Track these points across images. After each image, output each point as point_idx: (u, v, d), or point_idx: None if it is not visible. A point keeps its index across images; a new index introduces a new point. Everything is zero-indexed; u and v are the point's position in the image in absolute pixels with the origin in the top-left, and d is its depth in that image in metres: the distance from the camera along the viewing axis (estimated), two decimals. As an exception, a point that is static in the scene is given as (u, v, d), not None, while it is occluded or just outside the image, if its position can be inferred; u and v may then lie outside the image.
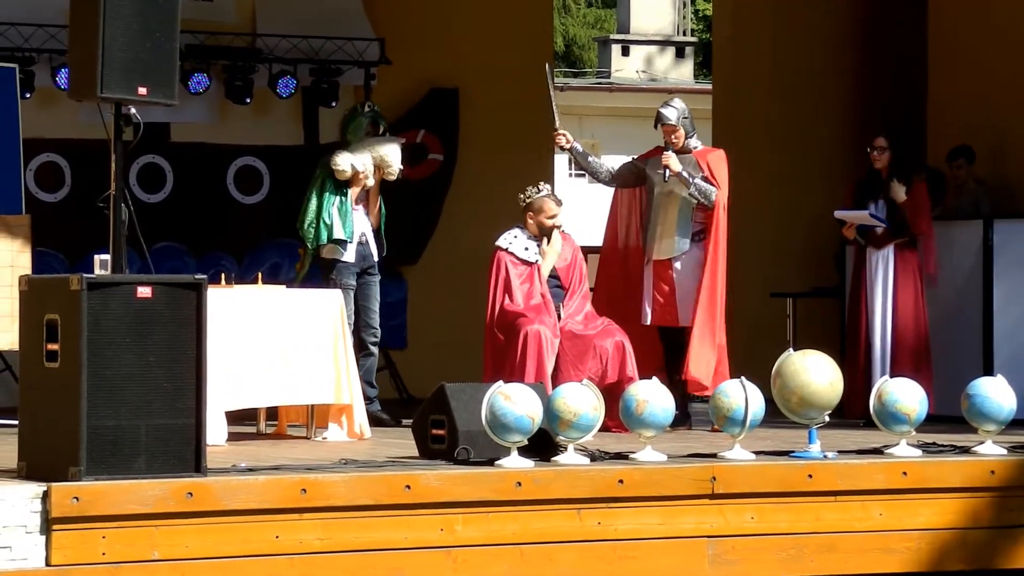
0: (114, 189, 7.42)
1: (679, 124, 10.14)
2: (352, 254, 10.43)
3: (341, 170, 10.33)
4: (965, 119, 12.33)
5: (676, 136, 10.14)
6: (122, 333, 7.08)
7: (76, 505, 6.83)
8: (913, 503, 8.02)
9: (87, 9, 7.30)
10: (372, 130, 10.61)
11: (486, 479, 7.50)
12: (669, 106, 10.24)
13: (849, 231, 10.69)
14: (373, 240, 10.55)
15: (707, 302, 9.99)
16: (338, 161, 10.34)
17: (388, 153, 10.47)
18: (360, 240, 10.45)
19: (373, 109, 10.70)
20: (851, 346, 10.73)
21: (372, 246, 10.54)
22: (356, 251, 10.44)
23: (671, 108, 10.21)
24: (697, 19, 36.35)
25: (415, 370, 12.59)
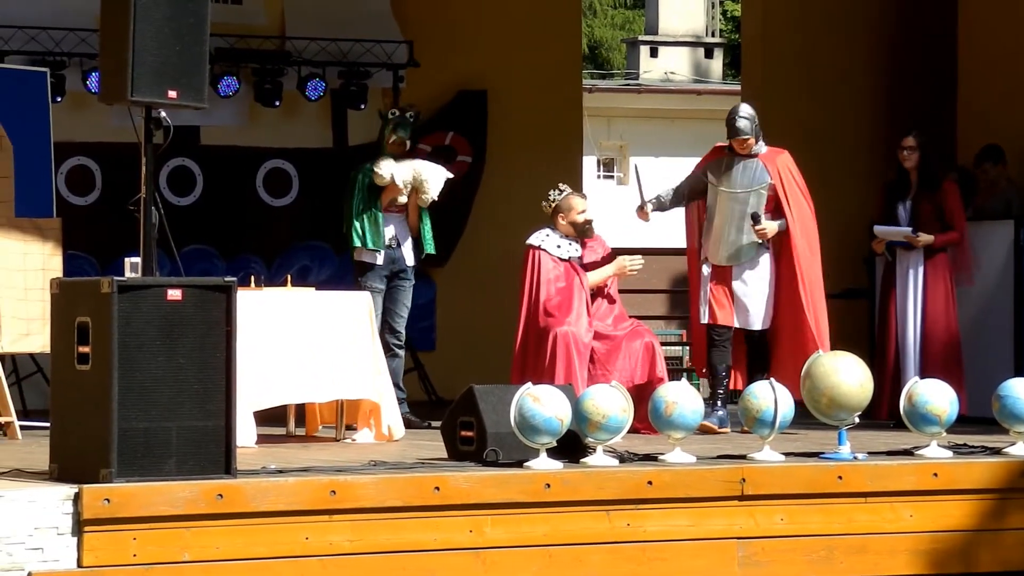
0: (144, 192, 7.45)
1: (752, 133, 10.06)
2: (381, 257, 10.44)
3: (380, 175, 10.36)
4: (995, 120, 12.29)
5: (747, 145, 10.08)
6: (152, 335, 7.10)
7: (107, 507, 6.86)
8: (944, 504, 8.00)
9: (117, 13, 7.33)
10: (399, 140, 10.51)
11: (515, 481, 7.51)
12: (742, 117, 10.03)
13: (879, 245, 10.66)
14: (408, 244, 10.53)
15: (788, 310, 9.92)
16: (381, 166, 10.36)
17: (429, 179, 10.41)
18: (390, 244, 10.46)
19: (397, 116, 10.57)
20: (881, 348, 10.71)
21: (405, 250, 10.53)
22: (385, 255, 10.45)
23: (744, 119, 10.02)
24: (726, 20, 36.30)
25: (444, 372, 12.60)
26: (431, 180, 10.44)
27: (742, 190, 10.03)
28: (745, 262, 10.02)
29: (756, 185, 10.00)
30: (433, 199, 10.45)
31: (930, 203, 10.51)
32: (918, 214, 10.52)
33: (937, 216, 10.51)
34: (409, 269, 10.56)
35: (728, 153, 10.13)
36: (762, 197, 10.02)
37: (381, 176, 10.35)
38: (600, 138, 29.92)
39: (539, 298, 9.93)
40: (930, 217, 10.51)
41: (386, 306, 10.46)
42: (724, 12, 36.37)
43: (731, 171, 10.05)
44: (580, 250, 10.12)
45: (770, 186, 10.01)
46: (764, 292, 10.00)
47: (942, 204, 10.50)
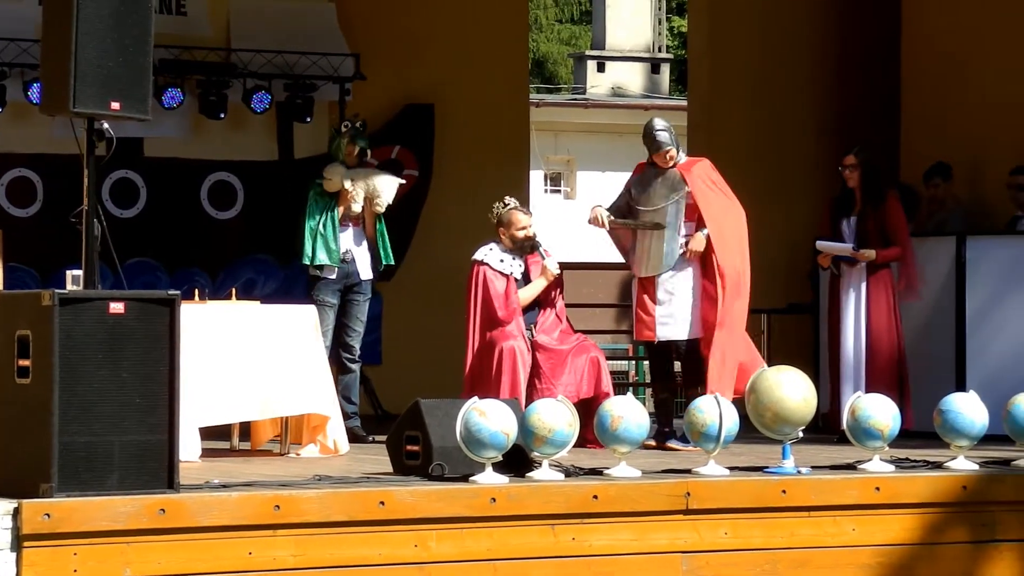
0: (87, 204, 7.40)
1: (673, 144, 10.08)
2: (334, 271, 10.41)
3: (329, 180, 10.33)
4: (939, 136, 12.38)
5: (670, 157, 10.09)
6: (94, 349, 7.05)
7: (47, 522, 6.80)
8: (886, 518, 8.04)
9: (60, 23, 7.28)
10: (352, 149, 10.55)
11: (460, 495, 7.49)
12: (661, 130, 10.02)
13: (824, 260, 10.71)
14: (362, 258, 10.50)
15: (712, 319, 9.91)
16: (332, 174, 10.34)
17: (381, 186, 10.44)
18: (345, 258, 10.44)
19: (353, 127, 10.60)
20: (829, 363, 10.74)
21: (360, 264, 10.50)
22: (339, 269, 10.42)
23: (664, 132, 10.01)
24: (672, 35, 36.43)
25: (390, 386, 12.57)
26: (383, 187, 10.45)
27: (660, 203, 10.01)
28: (669, 271, 9.98)
29: (674, 195, 9.99)
30: (388, 203, 10.45)
31: (874, 220, 10.57)
32: (863, 231, 10.58)
33: (881, 232, 10.57)
34: (364, 283, 10.53)
35: (649, 167, 10.14)
36: (681, 206, 10.01)
37: (331, 181, 10.33)
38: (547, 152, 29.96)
39: (485, 313, 9.92)
40: (874, 233, 10.56)
41: (340, 321, 10.42)
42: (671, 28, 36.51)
43: (651, 185, 10.06)
44: (523, 265, 10.12)
45: (688, 194, 10.01)
46: (689, 301, 9.97)
47: (885, 221, 10.56)
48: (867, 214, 10.58)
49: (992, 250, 10.96)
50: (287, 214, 12.71)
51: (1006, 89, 12.02)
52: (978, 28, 12.25)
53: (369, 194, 10.42)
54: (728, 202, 10.04)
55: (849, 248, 10.52)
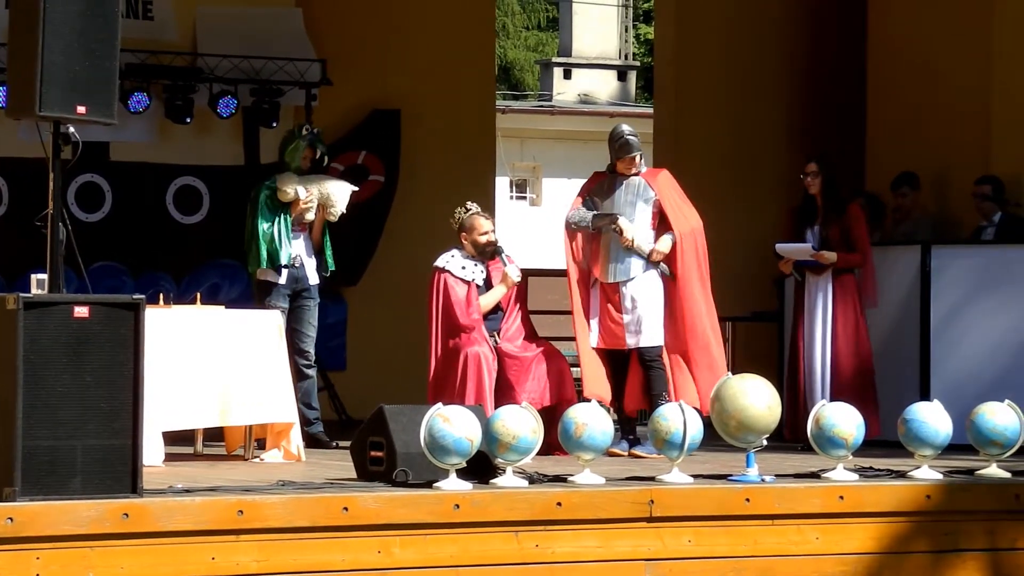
0: (52, 208, 7.38)
1: (640, 150, 10.07)
2: (284, 276, 10.39)
3: (284, 191, 10.32)
4: (905, 146, 12.44)
5: (630, 164, 10.08)
6: (59, 353, 7.03)
7: (11, 526, 6.78)
8: (849, 527, 8.06)
9: (26, 26, 7.27)
10: (310, 154, 10.56)
11: (424, 501, 7.49)
12: (631, 135, 10.00)
13: (786, 266, 10.75)
14: (310, 263, 10.50)
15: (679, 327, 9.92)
16: (285, 183, 10.32)
17: (335, 193, 10.45)
18: (294, 263, 10.42)
19: (312, 132, 10.64)
20: (792, 371, 10.78)
21: (308, 269, 10.50)
22: (288, 274, 10.40)
23: (634, 136, 9.99)
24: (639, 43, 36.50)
25: (354, 391, 12.56)
26: (337, 195, 10.45)
27: (627, 211, 10.00)
28: (634, 277, 9.99)
29: (640, 202, 10.00)
30: (342, 212, 10.44)
31: (837, 228, 10.61)
32: (826, 239, 10.63)
33: (844, 240, 10.62)
34: (312, 288, 10.52)
35: (609, 175, 10.14)
36: (647, 213, 10.02)
37: (285, 192, 10.32)
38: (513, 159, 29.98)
39: (447, 320, 9.93)
40: (838, 242, 10.62)
41: (291, 327, 10.37)
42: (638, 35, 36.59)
43: (613, 193, 10.07)
44: (485, 271, 10.13)
45: (655, 202, 10.02)
46: (655, 308, 9.98)
47: (848, 229, 10.61)
48: (830, 221, 10.63)
49: (957, 259, 11.01)
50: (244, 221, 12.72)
51: (972, 98, 12.09)
52: (944, 37, 12.31)
53: (323, 202, 10.42)
54: (694, 218, 10.08)
55: (809, 248, 10.56)
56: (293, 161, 10.51)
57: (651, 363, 9.96)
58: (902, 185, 12.02)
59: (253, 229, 10.34)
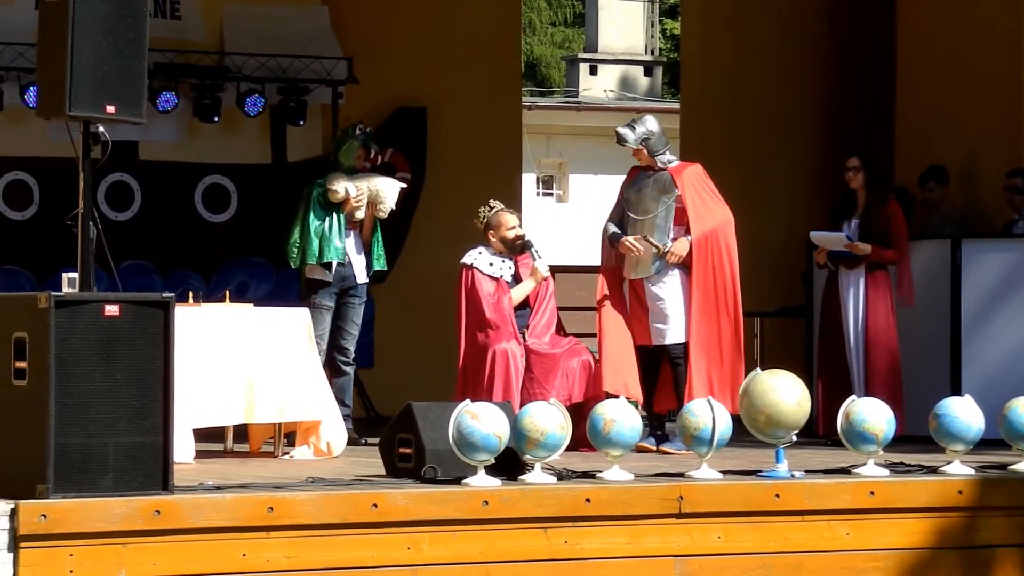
0: (82, 207, 7.42)
1: (638, 145, 10.03)
2: (332, 275, 10.44)
3: (334, 191, 10.37)
4: (934, 140, 12.41)
5: (639, 156, 10.09)
6: (90, 351, 7.07)
7: (44, 523, 6.81)
8: (880, 523, 8.05)
9: (56, 27, 7.30)
10: (363, 153, 10.63)
11: (453, 498, 7.50)
12: (627, 126, 10.05)
13: (820, 256, 10.73)
14: (359, 262, 10.54)
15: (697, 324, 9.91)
16: (335, 183, 10.38)
17: (384, 190, 10.50)
18: (342, 261, 10.47)
19: (365, 132, 10.70)
20: (823, 366, 10.76)
21: (357, 268, 10.54)
22: (336, 272, 10.46)
23: (628, 129, 10.03)
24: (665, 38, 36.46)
25: (382, 389, 12.58)
26: (386, 191, 10.51)
27: (651, 205, 10.00)
28: (655, 274, 9.98)
29: (665, 198, 10.00)
30: (391, 208, 10.47)
31: (876, 222, 10.58)
32: (865, 233, 10.59)
33: (883, 236, 10.59)
34: (360, 286, 10.58)
35: (641, 170, 10.15)
36: (671, 209, 10.01)
37: (336, 192, 10.37)
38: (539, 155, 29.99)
39: (476, 317, 9.94)
40: (876, 236, 10.58)
41: (335, 323, 10.46)
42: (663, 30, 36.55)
43: (641, 187, 10.07)
44: (513, 267, 10.15)
45: (678, 197, 10.00)
46: (678, 305, 9.97)
47: (887, 225, 10.58)
48: (870, 216, 10.58)
49: (987, 253, 10.97)
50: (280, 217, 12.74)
51: (1002, 91, 12.04)
52: (974, 30, 12.27)
53: (372, 199, 10.48)
54: (720, 214, 10.03)
55: (843, 237, 10.53)
56: (347, 160, 10.58)
57: (676, 360, 9.96)
58: (929, 179, 11.98)
59: (304, 226, 10.39)
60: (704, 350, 9.87)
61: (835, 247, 10.60)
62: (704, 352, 9.87)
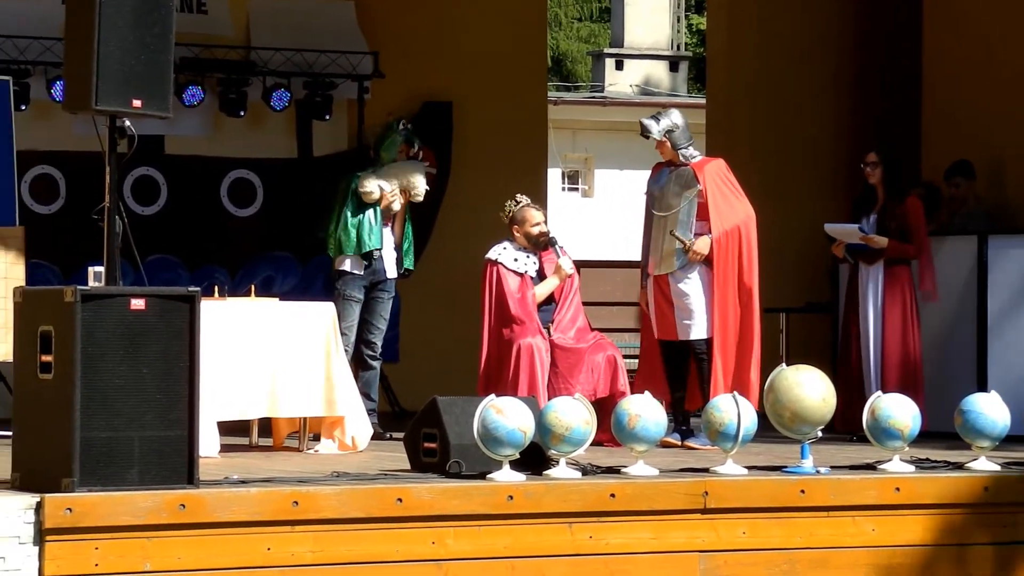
0: (108, 201, 7.43)
1: (661, 137, 10.01)
2: (361, 267, 10.47)
3: (368, 192, 10.42)
4: (961, 134, 12.36)
5: (662, 150, 10.08)
6: (115, 345, 7.08)
7: (69, 516, 6.83)
8: (906, 519, 8.03)
9: (82, 22, 7.31)
10: (405, 149, 10.69)
11: (478, 492, 7.50)
12: (652, 118, 10.04)
13: (838, 249, 10.70)
14: (390, 257, 10.58)
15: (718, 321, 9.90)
16: (366, 185, 10.42)
17: (413, 176, 10.56)
18: (374, 256, 10.50)
19: (408, 128, 10.76)
20: (842, 362, 10.74)
21: (387, 262, 10.58)
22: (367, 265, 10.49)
23: (652, 120, 10.01)
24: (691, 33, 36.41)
25: (407, 383, 12.60)
26: (415, 178, 10.56)
27: (673, 200, 9.99)
28: (680, 270, 9.97)
29: (687, 193, 9.98)
30: (426, 190, 10.53)
31: (894, 217, 10.56)
32: (883, 228, 10.57)
33: (900, 231, 10.57)
34: (389, 281, 10.62)
35: (665, 166, 10.13)
36: (693, 204, 9.99)
37: (370, 193, 10.42)
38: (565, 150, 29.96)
39: (500, 312, 9.94)
40: (894, 231, 10.56)
41: (363, 317, 10.51)
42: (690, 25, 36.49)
43: (664, 182, 10.06)
44: (538, 263, 10.15)
45: (700, 192, 9.98)
46: (702, 300, 9.95)
47: (905, 219, 10.56)
48: (888, 211, 10.56)
49: (1014, 249, 10.93)
50: (307, 211, 12.77)
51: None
52: (1001, 23, 12.22)
53: (404, 187, 10.53)
54: (742, 210, 10.00)
55: (856, 229, 10.50)
56: (388, 155, 10.63)
57: (701, 355, 9.95)
58: (955, 175, 11.94)
59: (341, 218, 10.42)
60: (722, 346, 9.86)
61: (850, 240, 10.57)
62: (722, 348, 9.86)
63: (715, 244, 9.88)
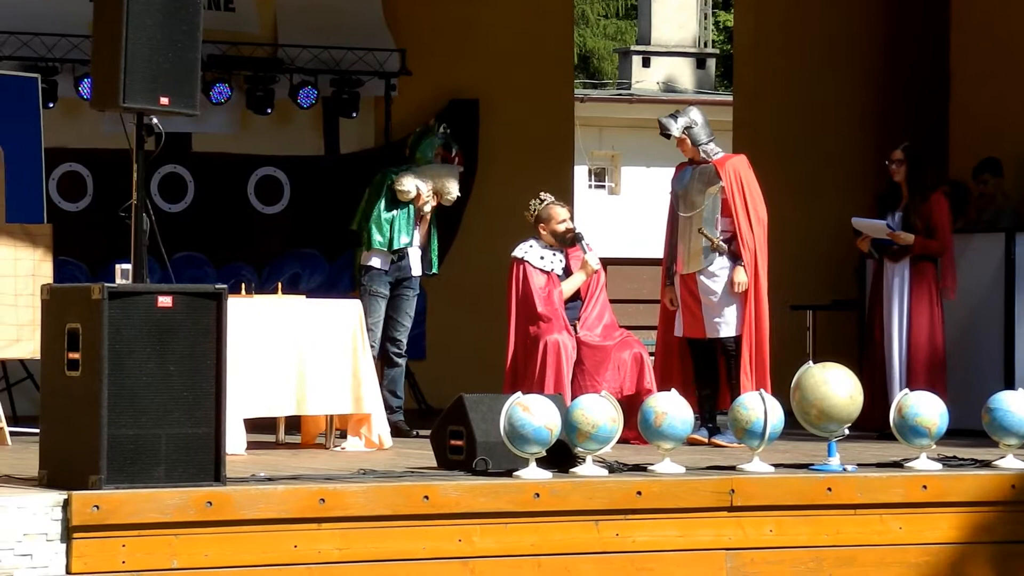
0: (136, 199, 7.45)
1: (681, 134, 9.99)
2: (387, 263, 10.49)
3: (405, 191, 10.43)
4: (988, 132, 12.32)
5: (683, 147, 10.06)
6: (143, 342, 7.10)
7: (96, 513, 6.85)
8: (933, 517, 8.01)
9: (110, 19, 7.34)
10: (442, 152, 10.70)
11: (504, 490, 7.51)
12: (670, 116, 10.03)
13: (863, 244, 10.67)
14: (415, 255, 10.59)
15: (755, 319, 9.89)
16: (404, 183, 10.43)
17: (449, 181, 10.59)
18: (403, 252, 10.52)
19: (447, 132, 10.77)
20: (868, 359, 10.71)
21: (412, 260, 10.59)
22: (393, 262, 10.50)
23: (671, 119, 10.00)
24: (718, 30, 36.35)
25: (433, 381, 12.60)
26: (449, 181, 10.57)
27: (697, 199, 9.97)
28: (708, 269, 9.95)
29: (710, 189, 9.95)
30: (457, 195, 10.59)
31: (919, 214, 10.53)
32: (908, 225, 10.55)
33: (926, 228, 10.54)
34: (414, 279, 10.63)
35: (687, 165, 10.11)
36: (717, 201, 9.97)
37: (407, 192, 10.44)
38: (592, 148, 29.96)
39: (526, 309, 9.94)
40: (919, 228, 10.53)
41: (388, 314, 10.52)
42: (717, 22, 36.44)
43: (687, 180, 10.04)
44: (564, 260, 10.14)
45: (722, 188, 9.95)
46: (729, 298, 9.93)
47: (929, 216, 10.52)
48: (913, 208, 10.53)
49: (1042, 247, 10.90)
50: (333, 209, 12.78)
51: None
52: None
53: (438, 189, 10.55)
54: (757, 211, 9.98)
55: (884, 225, 10.46)
56: (424, 156, 10.63)
57: (731, 352, 9.93)
58: (983, 172, 11.90)
59: (373, 212, 10.43)
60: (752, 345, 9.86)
61: (877, 235, 10.54)
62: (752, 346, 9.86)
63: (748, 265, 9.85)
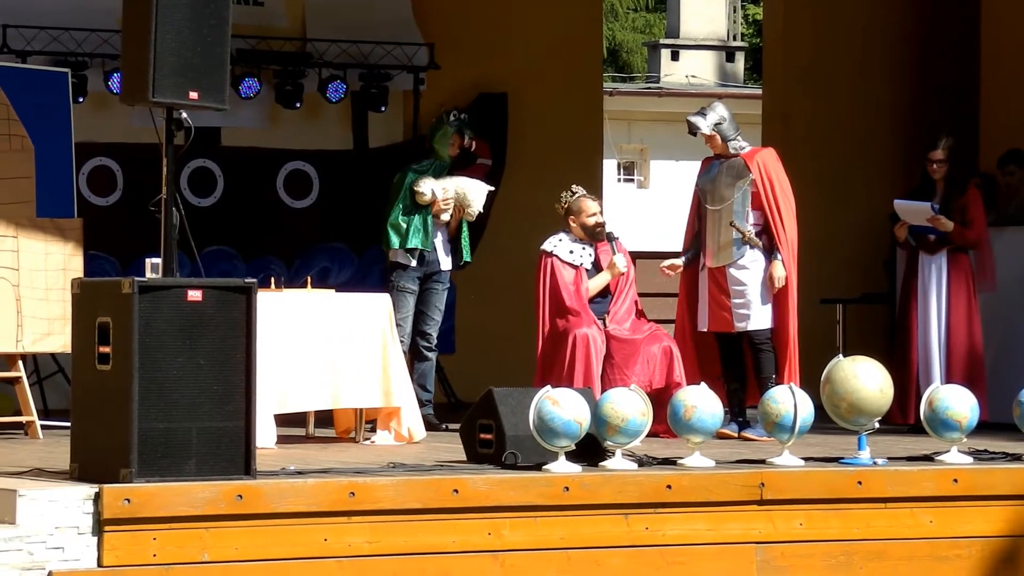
0: (165, 193, 7.47)
1: (711, 131, 9.98)
2: (415, 259, 10.48)
3: (421, 193, 10.41)
4: (1018, 125, 12.26)
5: (712, 143, 10.05)
6: (173, 336, 7.12)
7: (127, 507, 6.88)
8: (964, 511, 7.99)
9: (140, 14, 7.35)
10: (458, 140, 10.63)
11: (534, 484, 7.51)
12: (698, 114, 10.01)
13: (901, 231, 10.61)
14: (443, 249, 10.58)
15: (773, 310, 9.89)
16: (421, 185, 10.41)
17: (472, 192, 10.53)
18: (427, 249, 10.51)
19: (460, 118, 10.71)
20: (901, 352, 10.67)
21: (440, 254, 10.57)
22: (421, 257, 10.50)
23: (699, 116, 9.97)
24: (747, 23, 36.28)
25: (463, 374, 12.61)
26: (473, 195, 10.52)
27: (727, 192, 9.95)
28: (736, 260, 9.93)
29: (739, 182, 9.93)
30: (479, 212, 10.50)
31: (956, 209, 10.47)
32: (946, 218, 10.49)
33: (961, 221, 10.50)
34: (444, 273, 10.61)
35: (715, 160, 10.09)
36: (746, 194, 9.95)
37: (423, 195, 10.41)
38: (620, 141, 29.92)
39: (555, 303, 9.93)
40: (957, 223, 10.48)
41: (418, 308, 10.51)
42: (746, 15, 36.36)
43: (715, 175, 10.02)
44: (593, 254, 10.13)
45: (752, 182, 9.93)
46: (759, 290, 9.91)
47: (965, 209, 10.48)
48: (949, 201, 10.47)
49: (1071, 239, 10.85)
50: (362, 203, 12.79)
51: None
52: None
53: (460, 202, 10.50)
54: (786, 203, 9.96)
55: (928, 207, 10.39)
56: (443, 148, 10.59)
57: (760, 346, 9.91)
58: (1008, 163, 11.84)
59: (391, 215, 10.42)
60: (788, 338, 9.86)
61: (918, 220, 10.46)
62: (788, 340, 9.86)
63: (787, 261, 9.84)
